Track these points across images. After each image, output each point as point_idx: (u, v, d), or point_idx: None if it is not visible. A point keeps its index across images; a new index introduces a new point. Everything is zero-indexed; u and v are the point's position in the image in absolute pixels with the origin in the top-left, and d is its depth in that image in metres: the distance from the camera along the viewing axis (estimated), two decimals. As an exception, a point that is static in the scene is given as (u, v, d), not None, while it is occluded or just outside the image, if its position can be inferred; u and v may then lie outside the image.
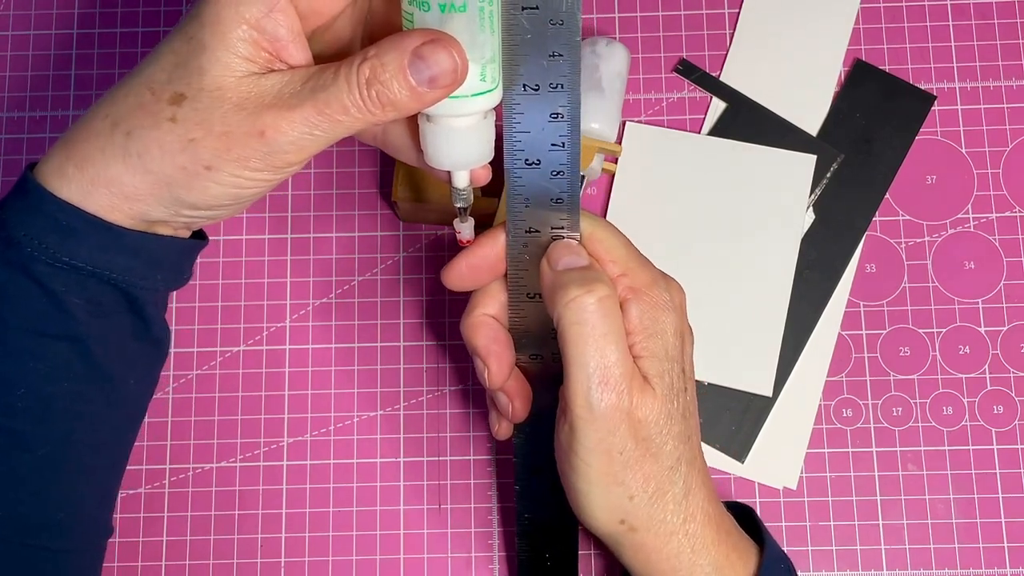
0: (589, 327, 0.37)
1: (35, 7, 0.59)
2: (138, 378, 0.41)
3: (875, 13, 0.58)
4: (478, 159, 0.37)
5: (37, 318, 0.37)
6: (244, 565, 0.52)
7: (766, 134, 0.56)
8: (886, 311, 0.54)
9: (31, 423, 0.38)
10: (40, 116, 0.58)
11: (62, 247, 0.36)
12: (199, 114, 0.34)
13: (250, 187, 0.36)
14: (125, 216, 0.37)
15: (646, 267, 0.40)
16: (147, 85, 0.35)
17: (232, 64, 0.34)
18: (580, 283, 0.37)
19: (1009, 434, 0.53)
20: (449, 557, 0.52)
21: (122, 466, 0.43)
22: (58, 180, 0.36)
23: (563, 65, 0.35)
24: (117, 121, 0.35)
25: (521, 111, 0.37)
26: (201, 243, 0.41)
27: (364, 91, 0.33)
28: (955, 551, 0.51)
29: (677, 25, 0.58)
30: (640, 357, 0.38)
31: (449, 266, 0.41)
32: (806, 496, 0.52)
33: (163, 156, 0.35)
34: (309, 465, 0.53)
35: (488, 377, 0.42)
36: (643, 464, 0.38)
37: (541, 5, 0.34)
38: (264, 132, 0.34)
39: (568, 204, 0.39)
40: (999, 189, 0.55)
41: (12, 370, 0.37)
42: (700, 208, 0.55)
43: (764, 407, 0.53)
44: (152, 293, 0.40)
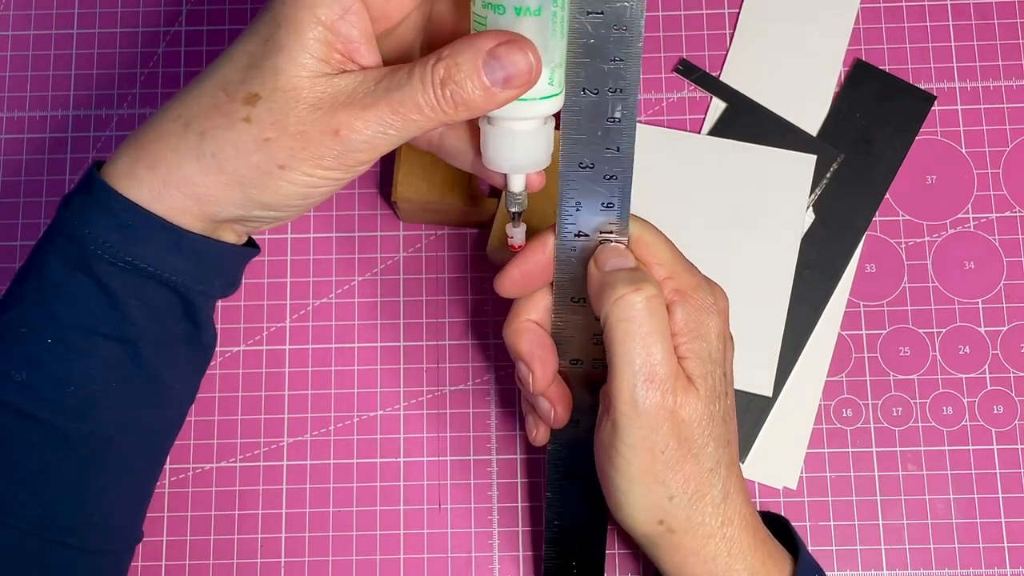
0: (636, 324, 0.37)
1: (35, 7, 0.59)
2: (183, 382, 0.41)
3: (875, 13, 0.58)
4: (537, 163, 0.37)
5: (92, 317, 0.37)
6: (244, 565, 0.52)
7: (766, 134, 0.56)
8: (886, 311, 0.54)
9: (77, 421, 0.38)
10: (40, 116, 0.58)
11: (125, 247, 0.37)
12: (274, 114, 0.35)
13: (321, 186, 0.36)
14: (194, 218, 0.37)
15: (691, 271, 0.40)
16: (221, 86, 0.36)
17: (307, 64, 0.35)
18: (628, 282, 0.38)
19: (1009, 434, 0.53)
20: (449, 557, 0.52)
21: (158, 471, 0.43)
22: (128, 181, 0.36)
23: (623, 70, 0.36)
24: (190, 122, 0.36)
25: (578, 116, 0.37)
26: (254, 251, 0.42)
27: (439, 90, 0.34)
28: (955, 551, 0.51)
29: (677, 25, 0.58)
30: (684, 358, 0.39)
31: (502, 274, 0.41)
32: (806, 496, 0.52)
33: (237, 156, 0.35)
34: (309, 465, 0.53)
35: (532, 382, 0.42)
36: (684, 464, 0.38)
37: (606, 11, 0.35)
38: (339, 131, 0.34)
39: (619, 209, 0.39)
40: (999, 189, 0.55)
41: (63, 367, 0.37)
42: (700, 208, 0.55)
43: (764, 407, 0.53)
44: (207, 298, 0.40)
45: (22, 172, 0.57)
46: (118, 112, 0.58)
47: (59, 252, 0.37)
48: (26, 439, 0.37)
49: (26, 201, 0.57)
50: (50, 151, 0.57)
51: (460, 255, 0.55)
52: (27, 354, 0.37)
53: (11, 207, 0.56)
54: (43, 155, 0.57)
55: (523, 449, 0.53)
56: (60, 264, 0.37)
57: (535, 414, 0.45)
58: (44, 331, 0.37)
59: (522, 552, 0.52)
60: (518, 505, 0.52)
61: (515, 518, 0.52)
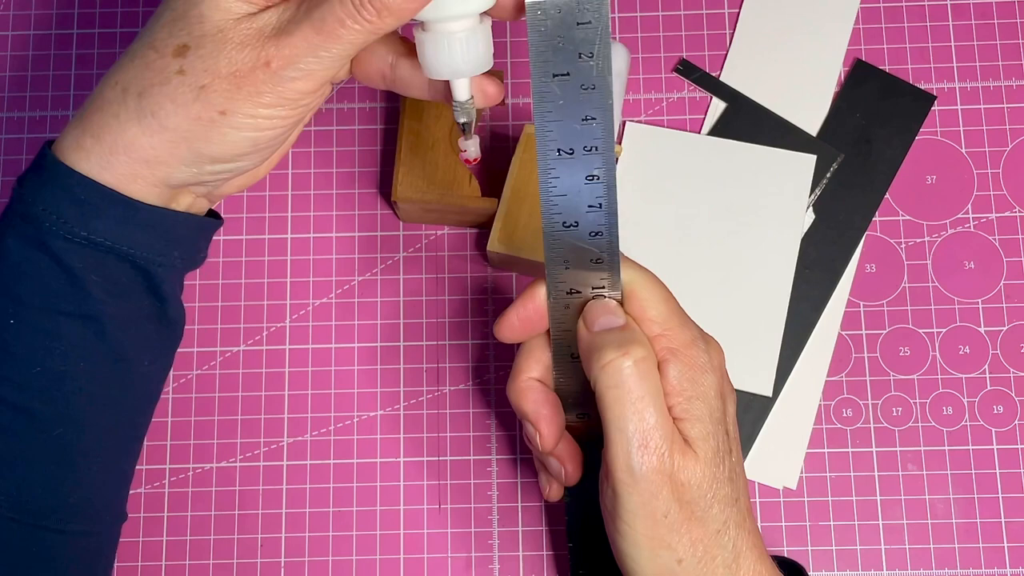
0: (626, 390, 0.37)
1: (35, 7, 0.59)
2: (153, 359, 0.41)
3: (875, 13, 0.58)
4: (477, 65, 0.36)
5: (54, 296, 0.37)
6: (244, 565, 0.52)
7: (766, 134, 0.56)
8: (886, 311, 0.54)
9: (45, 403, 0.37)
10: (40, 116, 0.58)
11: (80, 222, 0.36)
12: (204, 61, 0.34)
13: (267, 127, 0.36)
14: (147, 184, 0.36)
15: (686, 326, 0.39)
16: (150, 45, 0.35)
17: (230, 7, 0.34)
18: (616, 346, 0.37)
19: (1009, 434, 0.53)
20: (449, 557, 0.52)
21: (136, 449, 0.43)
22: (76, 153, 0.36)
23: (596, 128, 0.35)
24: (127, 86, 0.36)
25: (557, 174, 0.36)
26: (216, 223, 0.41)
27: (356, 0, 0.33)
28: (955, 551, 0.51)
29: (677, 25, 0.58)
30: (681, 420, 0.38)
31: (501, 320, 0.41)
32: (806, 496, 0.52)
33: (177, 110, 0.35)
34: (309, 465, 0.53)
35: (540, 441, 0.41)
36: (690, 528, 0.37)
37: (572, 72, 0.34)
38: (269, 63, 0.34)
39: (608, 264, 0.38)
40: (999, 189, 0.55)
41: (27, 349, 0.37)
42: (700, 208, 0.55)
43: (764, 407, 0.53)
44: (169, 271, 0.39)
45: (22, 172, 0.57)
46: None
47: (15, 232, 0.37)
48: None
49: (26, 201, 0.56)
50: (50, 151, 0.57)
51: (460, 255, 0.55)
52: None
53: (11, 207, 0.56)
54: (43, 155, 0.57)
55: (523, 449, 0.53)
56: (17, 243, 0.37)
57: (546, 472, 0.44)
58: (5, 313, 0.37)
59: (522, 552, 0.52)
60: (518, 505, 0.52)
61: (515, 518, 0.52)
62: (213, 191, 0.39)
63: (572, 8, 0.33)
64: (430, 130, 0.52)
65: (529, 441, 0.42)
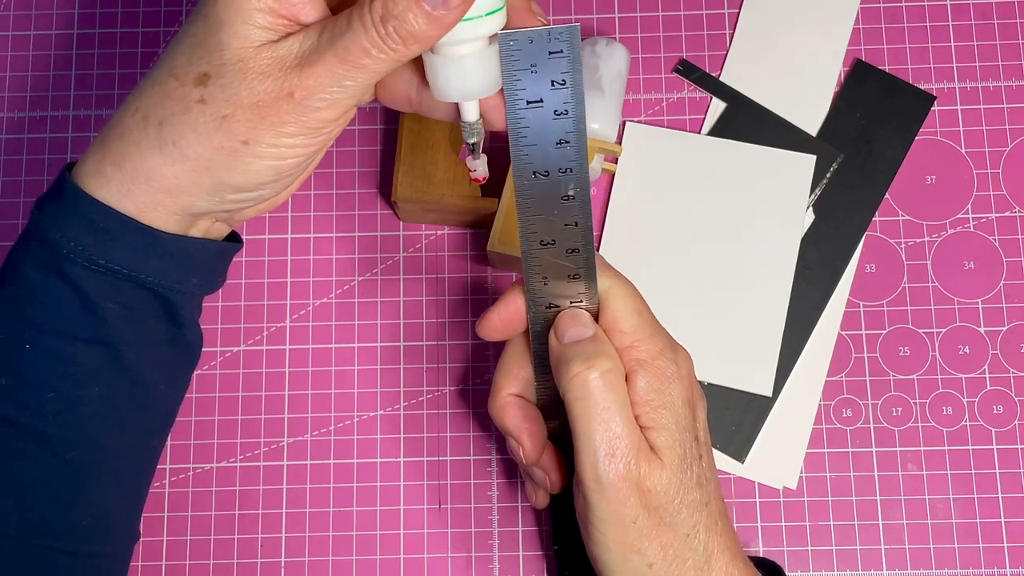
0: (592, 401, 0.38)
1: (35, 7, 0.59)
2: (169, 383, 0.41)
3: (875, 13, 0.58)
4: (486, 87, 0.36)
5: (70, 322, 0.37)
6: (244, 565, 0.52)
7: (766, 134, 0.56)
8: (886, 311, 0.54)
9: (60, 427, 0.37)
10: (40, 116, 0.58)
11: (98, 250, 0.36)
12: (226, 90, 0.34)
13: (289, 156, 0.35)
14: (167, 212, 0.36)
15: (655, 336, 0.40)
16: (170, 72, 0.35)
17: (250, 35, 0.34)
18: (583, 358, 0.38)
19: (1009, 434, 0.53)
20: (449, 557, 0.52)
21: (150, 471, 0.43)
22: (96, 180, 0.36)
23: (570, 151, 0.36)
24: (147, 113, 0.35)
25: (533, 195, 0.37)
26: (235, 246, 0.41)
27: (381, 29, 0.33)
28: (955, 551, 0.51)
29: (677, 25, 0.58)
30: (648, 428, 0.39)
31: (482, 319, 0.41)
32: (806, 496, 0.52)
33: (199, 139, 0.34)
34: (309, 465, 0.53)
35: (523, 454, 0.42)
36: (659, 532, 0.38)
37: (545, 99, 0.35)
38: (293, 93, 0.34)
39: (585, 278, 0.40)
40: (999, 189, 0.55)
41: (43, 374, 0.37)
42: (700, 208, 0.55)
43: (764, 407, 0.53)
44: (187, 297, 0.39)
45: (22, 172, 0.57)
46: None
47: (33, 256, 0.37)
48: (8, 445, 0.37)
49: (26, 201, 0.57)
50: (50, 151, 0.57)
51: (460, 255, 0.55)
52: (6, 360, 0.37)
53: (11, 207, 0.56)
54: (43, 155, 0.57)
55: (523, 449, 0.53)
56: (34, 269, 0.37)
57: (532, 481, 0.45)
58: (21, 337, 0.37)
59: (522, 552, 0.52)
60: (518, 505, 0.52)
61: (515, 518, 0.52)
62: (232, 216, 0.39)
63: (544, 38, 0.34)
64: (430, 130, 0.52)
65: (513, 454, 0.43)
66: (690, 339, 0.53)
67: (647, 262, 0.55)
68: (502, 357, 0.43)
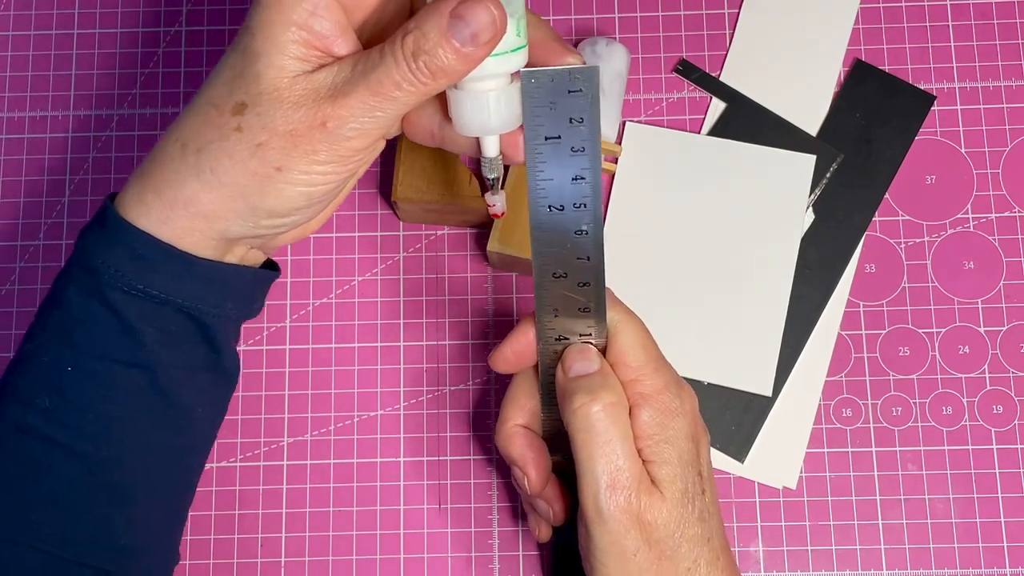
0: (595, 433, 0.39)
1: (35, 7, 0.59)
2: (206, 406, 0.42)
3: (875, 13, 0.58)
4: (507, 123, 0.37)
5: (109, 345, 0.38)
6: (244, 565, 0.52)
7: (766, 134, 0.56)
8: (886, 311, 0.54)
9: (98, 447, 0.38)
10: (40, 116, 0.58)
11: (138, 275, 0.37)
12: (262, 119, 0.35)
13: (321, 183, 0.36)
14: (204, 237, 0.37)
15: (660, 371, 0.41)
16: (210, 102, 0.36)
17: (286, 66, 0.35)
18: (587, 391, 0.39)
19: (1009, 434, 0.53)
20: (449, 557, 0.52)
21: (189, 494, 0.44)
22: (137, 208, 0.37)
23: (585, 187, 0.37)
24: (186, 142, 0.37)
25: (547, 229, 0.38)
26: (273, 273, 0.42)
27: (411, 63, 0.34)
28: (955, 551, 0.51)
29: (677, 25, 0.58)
30: (650, 462, 0.39)
31: (495, 353, 0.43)
32: (806, 496, 0.52)
33: (234, 165, 0.36)
34: (309, 465, 0.53)
35: (528, 484, 0.43)
36: (660, 566, 0.39)
37: (563, 135, 0.36)
38: (326, 123, 0.35)
39: (595, 312, 0.40)
40: (999, 189, 0.55)
41: (84, 395, 0.38)
42: (700, 208, 0.55)
43: (764, 407, 0.53)
44: (223, 322, 0.40)
45: (22, 172, 0.57)
46: (118, 112, 0.58)
47: (76, 282, 0.38)
48: (48, 463, 0.38)
49: (26, 201, 0.57)
50: (50, 151, 0.57)
51: (460, 255, 0.55)
52: (49, 382, 0.38)
53: (11, 207, 0.56)
54: (43, 155, 0.57)
55: (523, 449, 0.53)
56: (77, 294, 0.38)
57: (535, 513, 0.46)
58: (64, 360, 0.38)
59: (522, 552, 0.52)
60: (518, 505, 0.53)
61: (515, 518, 0.52)
62: (267, 243, 0.40)
63: (564, 77, 0.35)
64: (430, 130, 0.52)
65: (518, 485, 0.44)
66: (690, 339, 0.53)
67: (647, 262, 0.55)
68: (510, 388, 0.45)
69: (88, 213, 0.56)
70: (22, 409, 0.38)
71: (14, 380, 0.39)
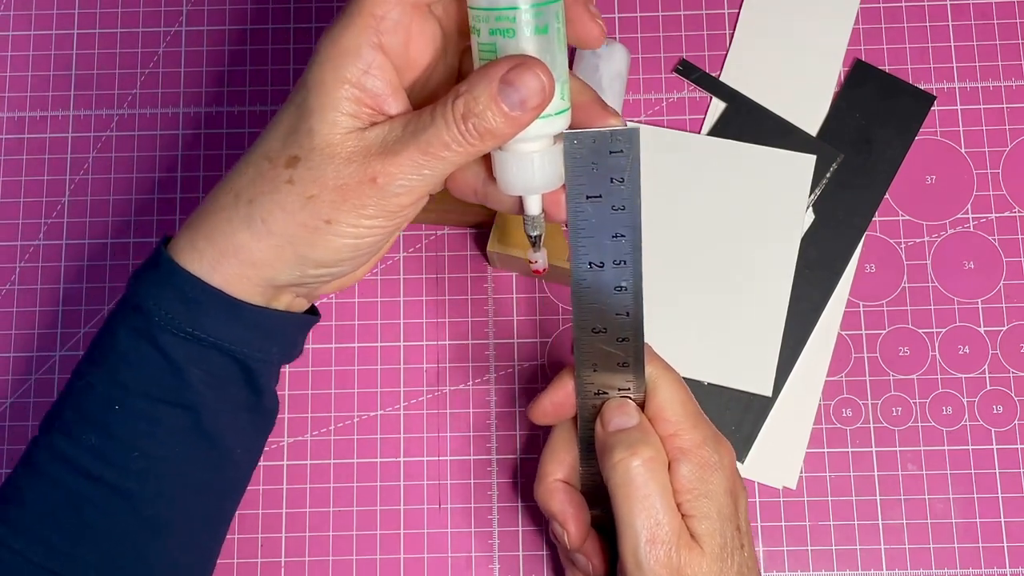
0: (634, 488, 0.40)
1: (35, 7, 0.59)
2: (245, 447, 0.43)
3: (875, 13, 0.58)
4: (550, 182, 0.38)
5: (156, 385, 0.39)
6: (244, 565, 0.52)
7: (766, 134, 0.56)
8: (886, 311, 0.54)
9: (141, 484, 0.39)
10: (40, 116, 0.58)
11: (187, 319, 0.38)
12: (313, 172, 0.36)
13: (367, 236, 0.37)
14: (252, 284, 0.38)
15: (699, 426, 0.42)
16: (264, 155, 0.37)
17: (338, 122, 0.36)
18: (626, 445, 0.40)
19: (1009, 434, 0.53)
20: (449, 557, 0.52)
21: (222, 535, 0.44)
22: (190, 254, 0.38)
23: (626, 244, 0.38)
24: (239, 192, 0.38)
25: (588, 285, 0.39)
26: (313, 319, 0.43)
27: (461, 125, 0.35)
28: (955, 551, 0.51)
29: (677, 25, 0.58)
30: (690, 516, 0.40)
31: (534, 406, 0.44)
32: (806, 496, 0.52)
33: (285, 217, 0.37)
34: (309, 465, 0.53)
35: (568, 539, 0.44)
36: None
37: (604, 194, 0.37)
38: (375, 179, 0.36)
39: (634, 367, 0.41)
40: (999, 189, 0.55)
41: (129, 433, 0.39)
42: (700, 208, 0.55)
43: (764, 407, 0.53)
44: (266, 365, 0.41)
45: (22, 172, 0.57)
46: (118, 112, 0.58)
47: (127, 323, 0.39)
48: (92, 499, 0.39)
49: (26, 201, 0.57)
50: (50, 151, 0.57)
51: (460, 255, 0.55)
52: (97, 419, 0.39)
53: (11, 207, 0.56)
54: (43, 155, 0.57)
55: (523, 449, 0.53)
56: (127, 334, 0.39)
57: (574, 567, 0.47)
58: (112, 398, 0.39)
59: (522, 552, 0.52)
60: (518, 505, 0.53)
61: (515, 518, 0.52)
62: (312, 291, 0.41)
63: (605, 138, 0.36)
64: (430, 130, 0.52)
65: (557, 539, 0.45)
66: (690, 339, 0.53)
67: (647, 262, 0.54)
68: (549, 441, 0.46)
69: (88, 213, 0.56)
70: (69, 443, 0.39)
71: (62, 413, 0.40)
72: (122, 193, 0.57)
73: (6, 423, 0.54)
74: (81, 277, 0.56)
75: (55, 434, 0.40)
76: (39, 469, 0.40)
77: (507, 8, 0.35)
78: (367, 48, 0.36)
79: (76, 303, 0.55)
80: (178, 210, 0.56)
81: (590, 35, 0.38)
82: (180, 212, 0.56)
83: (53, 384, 0.54)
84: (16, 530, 0.39)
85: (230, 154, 0.57)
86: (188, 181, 0.57)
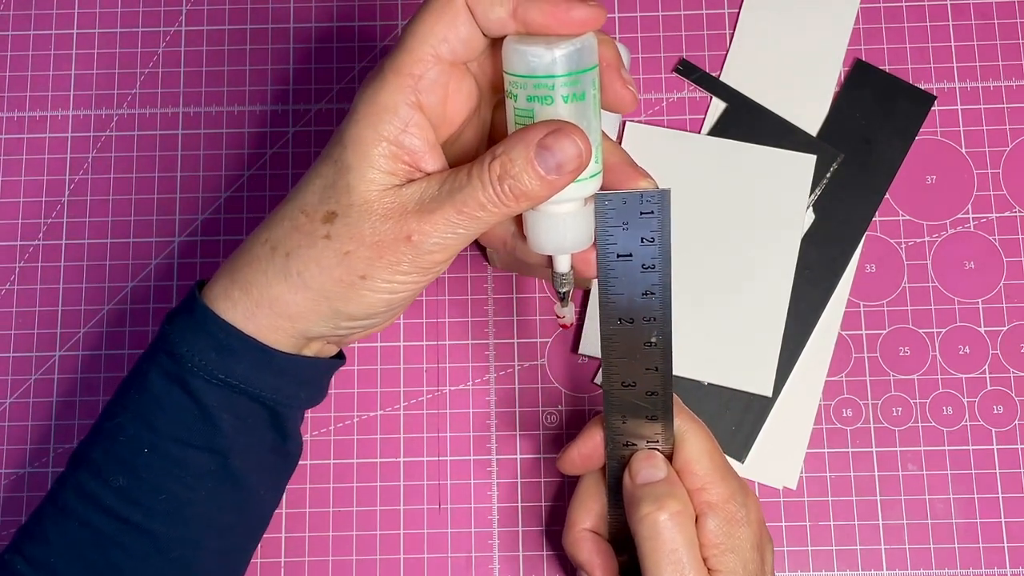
0: (661, 541, 0.40)
1: (35, 7, 0.59)
2: (269, 488, 0.43)
3: (875, 13, 0.58)
4: (580, 242, 0.38)
5: (187, 429, 0.39)
6: (244, 565, 0.52)
7: (766, 134, 0.56)
8: (886, 311, 0.54)
9: (168, 526, 0.40)
10: (40, 116, 0.58)
11: (220, 365, 0.39)
12: (350, 228, 0.37)
13: (401, 291, 0.38)
14: (285, 335, 0.39)
15: (727, 480, 0.42)
16: (300, 209, 0.38)
17: (376, 179, 0.36)
18: (654, 499, 0.40)
19: (1009, 434, 0.53)
20: (449, 557, 0.52)
21: (243, 569, 0.45)
22: (224, 302, 0.39)
23: (655, 301, 0.39)
24: (276, 245, 0.38)
25: (617, 340, 0.40)
26: (339, 362, 0.43)
27: (497, 187, 0.35)
28: (955, 551, 0.51)
29: (677, 25, 0.58)
30: (716, 571, 0.40)
31: (563, 456, 0.45)
32: (806, 496, 0.52)
33: (321, 271, 0.37)
34: (309, 465, 0.53)
35: None
36: None
37: (635, 253, 0.38)
38: (411, 236, 0.36)
39: (662, 420, 0.42)
40: (999, 189, 0.55)
41: (157, 475, 0.39)
42: (700, 208, 0.55)
43: (764, 407, 0.53)
44: (294, 410, 0.42)
45: (22, 172, 0.57)
46: (118, 112, 0.58)
47: (159, 367, 0.40)
48: (120, 541, 0.39)
49: (26, 201, 0.57)
50: (50, 151, 0.57)
51: (460, 255, 0.55)
52: (126, 461, 0.39)
53: (11, 207, 0.56)
54: (43, 155, 0.57)
55: (523, 449, 0.53)
56: (159, 378, 0.39)
57: None
58: (142, 441, 0.39)
59: (522, 552, 0.52)
60: (518, 505, 0.53)
61: (515, 518, 0.52)
62: (342, 340, 0.42)
63: (636, 200, 0.37)
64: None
65: None
66: (690, 339, 0.53)
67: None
68: (577, 490, 0.46)
69: (87, 213, 0.56)
70: (97, 484, 0.39)
71: (90, 454, 0.40)
72: (121, 193, 0.57)
73: (6, 423, 0.54)
74: (81, 277, 0.56)
75: (83, 473, 0.40)
76: (65, 508, 0.40)
77: (545, 76, 0.35)
78: (405, 107, 0.36)
79: (76, 303, 0.55)
80: (178, 210, 0.56)
81: (623, 101, 0.38)
82: (180, 212, 0.56)
83: (53, 384, 0.54)
84: (40, 568, 0.39)
85: (229, 154, 0.57)
86: (188, 181, 0.57)
